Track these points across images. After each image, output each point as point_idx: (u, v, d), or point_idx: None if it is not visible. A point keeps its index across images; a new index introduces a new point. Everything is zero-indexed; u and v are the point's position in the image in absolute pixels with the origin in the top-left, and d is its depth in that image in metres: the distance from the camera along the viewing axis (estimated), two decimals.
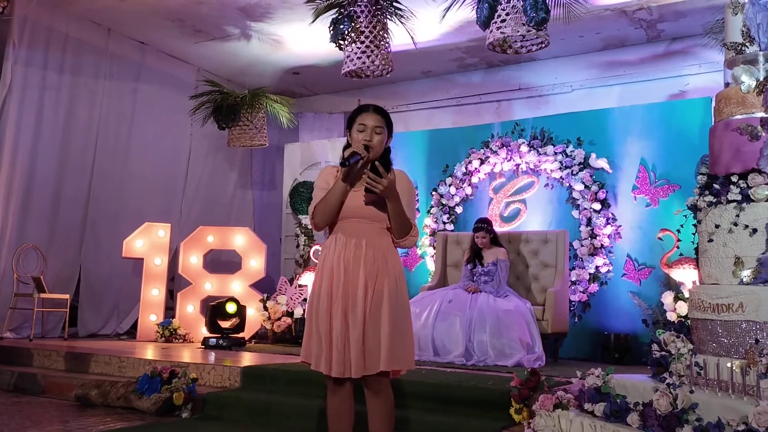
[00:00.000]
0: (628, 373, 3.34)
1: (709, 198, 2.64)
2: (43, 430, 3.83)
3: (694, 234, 2.80)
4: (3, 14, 6.50)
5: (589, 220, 6.40)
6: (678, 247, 5.59)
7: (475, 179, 7.12)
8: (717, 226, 2.60)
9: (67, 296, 6.69)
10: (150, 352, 5.71)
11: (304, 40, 7.48)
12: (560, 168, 6.62)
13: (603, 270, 6.30)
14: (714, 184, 2.63)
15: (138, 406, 4.40)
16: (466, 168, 7.12)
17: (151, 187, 7.67)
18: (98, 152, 7.46)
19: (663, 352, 2.65)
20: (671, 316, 5.47)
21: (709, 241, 2.63)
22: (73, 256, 7.24)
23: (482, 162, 7.05)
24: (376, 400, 2.62)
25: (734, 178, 2.59)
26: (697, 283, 2.83)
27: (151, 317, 6.96)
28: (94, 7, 7.00)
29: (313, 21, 5.87)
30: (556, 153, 6.65)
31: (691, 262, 5.31)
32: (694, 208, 2.76)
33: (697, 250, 2.78)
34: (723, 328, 2.47)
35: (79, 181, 7.30)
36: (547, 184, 6.76)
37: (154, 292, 7.00)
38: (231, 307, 6.34)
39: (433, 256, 6.95)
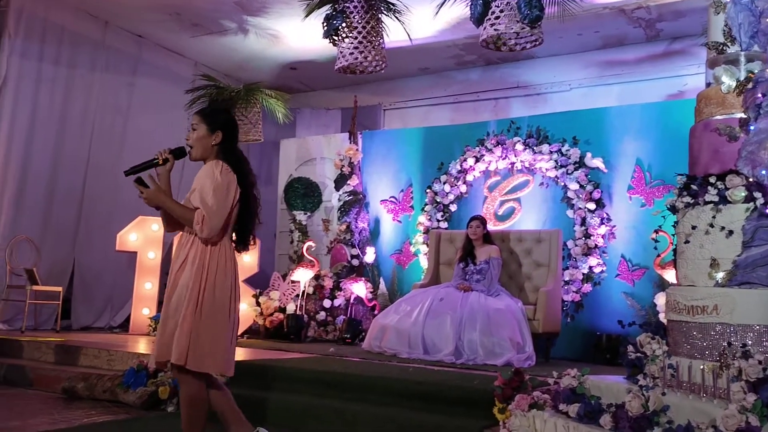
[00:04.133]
0: (618, 374, 3.31)
1: (687, 199, 2.61)
2: (27, 423, 3.83)
3: (673, 236, 2.77)
4: None
5: (584, 219, 6.36)
6: (672, 248, 5.55)
7: (470, 177, 7.09)
8: (694, 228, 2.57)
9: (59, 289, 6.71)
10: (141, 346, 5.72)
11: (300, 35, 7.46)
12: (555, 167, 6.58)
13: (597, 270, 6.26)
14: (692, 185, 2.60)
15: (124, 400, 4.41)
16: (461, 166, 7.09)
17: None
18: (93, 145, 7.47)
19: (638, 354, 2.63)
20: (664, 318, 5.43)
21: (685, 242, 2.61)
22: (66, 248, 7.25)
23: (477, 160, 7.02)
24: (180, 389, 2.79)
25: (712, 179, 2.56)
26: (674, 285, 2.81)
27: (144, 311, 6.96)
28: None
29: (306, 16, 5.86)
30: (551, 152, 6.61)
31: None
32: (673, 209, 2.73)
33: (675, 251, 2.76)
34: (697, 330, 2.44)
35: (74, 173, 7.31)
36: (542, 183, 6.72)
37: (147, 286, 7.00)
38: None
39: (426, 254, 6.93)
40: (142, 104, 7.92)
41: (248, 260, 7.04)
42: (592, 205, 6.31)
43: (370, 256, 7.35)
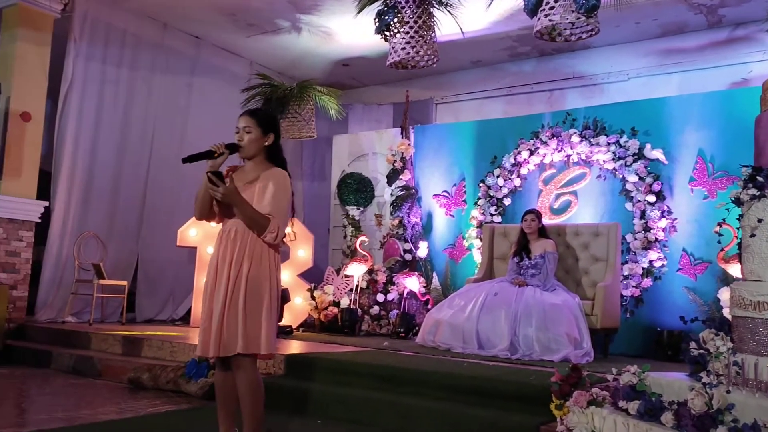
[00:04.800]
0: (679, 371, 3.23)
1: (753, 191, 2.51)
2: (97, 411, 4.00)
3: (738, 229, 2.67)
4: (64, 11, 6.79)
5: (643, 212, 6.20)
6: (736, 242, 5.36)
7: (524, 170, 7.01)
8: (760, 221, 2.47)
9: (125, 283, 6.96)
10: None
11: (352, 31, 7.51)
12: (613, 159, 6.44)
13: (657, 264, 6.10)
14: (758, 177, 2.50)
15: (186, 390, 4.55)
16: (514, 159, 7.02)
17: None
18: (155, 144, 7.72)
19: (701, 350, 2.56)
20: (728, 313, 5.25)
21: (751, 236, 2.51)
22: (131, 244, 7.53)
23: (532, 153, 6.93)
24: (239, 378, 2.81)
25: None
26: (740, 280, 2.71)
27: None
28: (151, 2, 7.21)
29: (358, 13, 5.88)
30: (609, 143, 6.47)
31: None
32: (738, 201, 2.64)
33: (740, 245, 2.67)
34: (764, 326, 2.35)
35: (137, 171, 7.57)
36: (599, 176, 6.59)
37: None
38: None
39: (479, 249, 6.88)
40: (200, 103, 8.13)
41: (302, 255, 7.16)
42: (652, 198, 6.15)
43: (422, 250, 7.35)
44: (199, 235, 7.21)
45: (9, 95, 6.34)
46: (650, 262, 6.10)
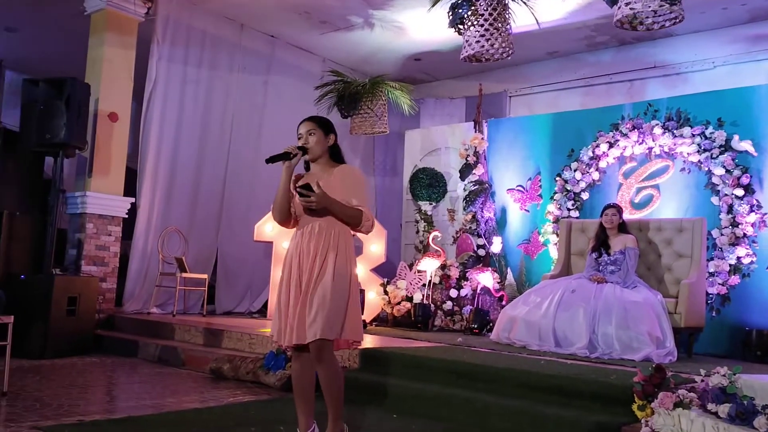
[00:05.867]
0: None
1: None
2: (181, 400, 4.17)
3: None
4: (148, 14, 7.08)
5: (730, 207, 5.92)
6: None
7: (602, 164, 6.82)
8: None
9: (205, 276, 7.21)
10: None
11: (424, 26, 7.49)
12: (698, 151, 6.17)
13: (745, 261, 5.81)
14: None
15: (265, 381, 4.67)
16: (593, 152, 6.83)
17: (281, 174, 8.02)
18: (232, 141, 7.95)
19: None
20: None
21: None
22: (210, 238, 7.78)
23: (611, 145, 6.73)
24: (320, 367, 2.88)
25: None
26: None
27: None
28: (229, 3, 7.41)
29: (432, 6, 5.85)
30: (693, 135, 6.21)
31: None
32: None
33: None
34: None
35: (216, 168, 7.82)
36: (683, 169, 6.33)
37: None
38: None
39: (556, 244, 6.74)
40: (276, 101, 8.31)
41: (375, 250, 7.20)
42: (740, 191, 5.86)
43: (496, 246, 7.27)
44: (275, 230, 7.36)
45: (97, 97, 6.65)
46: (738, 258, 5.82)
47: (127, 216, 6.95)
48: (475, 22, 5.35)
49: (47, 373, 4.85)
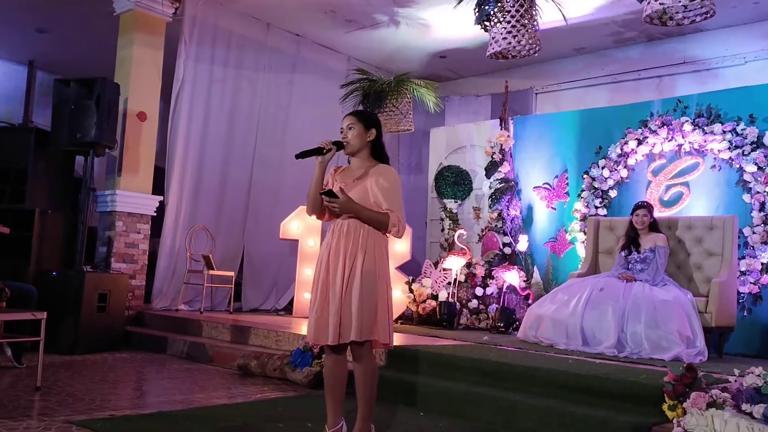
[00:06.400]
0: None
1: None
2: (210, 396, 4.22)
3: None
4: (175, 14, 7.15)
5: (763, 204, 5.81)
6: None
7: (631, 161, 6.73)
8: None
9: (232, 273, 7.27)
10: (305, 328, 6.01)
11: (450, 23, 7.46)
12: (729, 148, 6.06)
13: None
14: None
15: (292, 378, 4.70)
16: (621, 149, 6.74)
17: (306, 172, 8.02)
18: (259, 140, 8.01)
19: None
20: None
21: None
22: (237, 236, 7.85)
23: (640, 143, 6.64)
24: (357, 366, 2.93)
25: None
26: None
27: (305, 295, 7.32)
28: (255, 3, 7.46)
29: (458, 3, 5.82)
30: (724, 132, 6.10)
31: None
32: None
33: None
34: None
35: (243, 167, 7.88)
36: (713, 166, 6.22)
37: (308, 272, 7.35)
38: None
39: (583, 242, 6.68)
40: (301, 99, 8.35)
41: (400, 248, 7.19)
42: None
43: (523, 244, 7.22)
44: (301, 228, 7.41)
45: (126, 96, 6.74)
46: None
47: (155, 214, 7.04)
48: (502, 19, 5.31)
49: (79, 369, 4.94)
